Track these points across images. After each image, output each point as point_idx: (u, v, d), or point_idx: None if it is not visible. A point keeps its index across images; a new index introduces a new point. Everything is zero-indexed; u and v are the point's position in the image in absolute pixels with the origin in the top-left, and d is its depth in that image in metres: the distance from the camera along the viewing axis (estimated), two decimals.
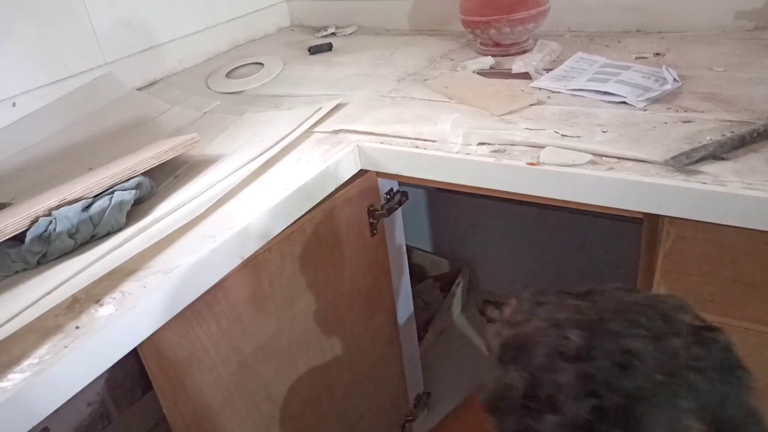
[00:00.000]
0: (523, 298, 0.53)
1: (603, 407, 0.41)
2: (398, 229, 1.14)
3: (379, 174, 0.97)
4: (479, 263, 1.81)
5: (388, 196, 1.07)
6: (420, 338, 1.50)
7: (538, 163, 0.79)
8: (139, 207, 0.86)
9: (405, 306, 1.20)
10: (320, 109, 1.06)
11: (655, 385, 0.42)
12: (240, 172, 0.87)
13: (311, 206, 0.85)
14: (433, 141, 0.89)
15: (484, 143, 0.87)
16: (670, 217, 0.75)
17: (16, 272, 0.76)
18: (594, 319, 0.46)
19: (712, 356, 0.44)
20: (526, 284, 0.56)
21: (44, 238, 0.76)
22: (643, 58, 1.11)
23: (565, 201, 0.81)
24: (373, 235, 1.01)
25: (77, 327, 0.60)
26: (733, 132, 0.79)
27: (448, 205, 1.80)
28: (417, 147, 0.90)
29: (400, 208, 1.11)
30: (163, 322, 0.66)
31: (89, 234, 0.79)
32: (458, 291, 1.74)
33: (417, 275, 1.82)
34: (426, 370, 1.44)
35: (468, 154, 0.85)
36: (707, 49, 1.11)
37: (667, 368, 0.42)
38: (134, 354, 0.66)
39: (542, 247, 1.64)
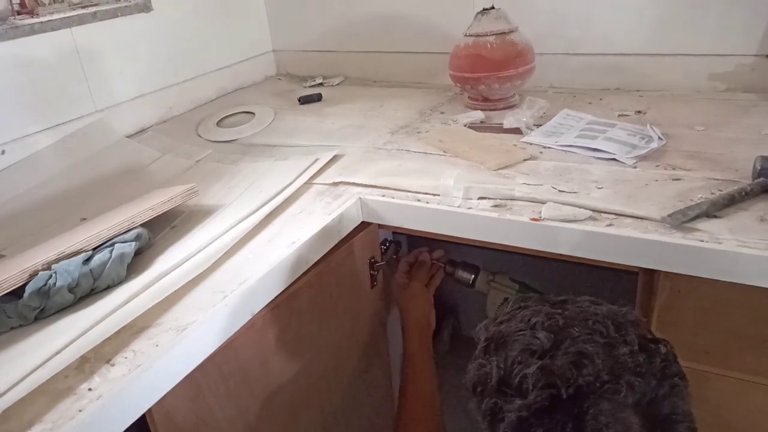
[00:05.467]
0: (511, 300, 0.65)
1: (558, 396, 0.50)
2: None
3: (380, 226, 0.98)
4: (463, 310, 1.81)
5: (384, 247, 1.08)
6: None
7: (540, 219, 0.82)
8: (137, 258, 0.84)
9: (397, 357, 1.19)
10: (317, 160, 1.07)
11: (602, 382, 0.50)
12: (243, 225, 0.87)
13: (316, 259, 0.85)
14: (435, 195, 0.91)
15: (484, 198, 0.89)
16: (666, 271, 0.78)
17: (12, 328, 0.74)
18: (560, 324, 0.56)
19: (653, 364, 0.53)
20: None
21: (43, 292, 0.74)
22: (626, 115, 1.16)
23: (564, 255, 0.84)
24: (373, 286, 1.01)
25: (90, 389, 0.58)
26: (721, 190, 0.83)
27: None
28: (419, 200, 0.91)
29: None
30: (177, 382, 0.64)
31: (89, 288, 0.77)
32: (443, 338, 1.74)
33: None
34: None
35: (470, 208, 0.87)
36: (685, 108, 1.17)
37: (612, 370, 0.51)
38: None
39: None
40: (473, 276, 1.13)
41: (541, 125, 1.13)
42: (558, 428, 0.50)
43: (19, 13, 1.16)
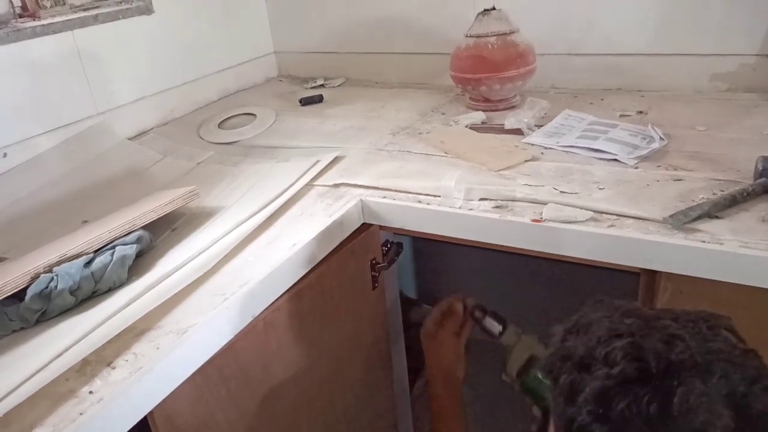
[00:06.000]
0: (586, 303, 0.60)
1: (648, 369, 0.47)
2: (395, 281, 1.14)
3: (382, 228, 0.98)
4: None
5: (386, 248, 1.08)
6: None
7: (541, 220, 0.82)
8: (138, 261, 0.84)
9: (399, 359, 1.19)
10: (318, 162, 1.07)
11: (695, 363, 0.47)
12: (244, 227, 0.87)
13: (317, 261, 0.85)
14: (436, 196, 0.91)
15: (485, 199, 0.89)
16: (667, 272, 0.78)
17: (14, 331, 0.74)
18: (649, 315, 0.53)
19: (748, 363, 0.49)
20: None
21: (45, 295, 0.74)
22: (627, 116, 1.16)
23: (565, 256, 0.83)
24: (374, 288, 1.01)
25: (91, 392, 0.59)
26: (723, 191, 0.83)
27: (433, 252, 1.81)
28: (420, 202, 0.91)
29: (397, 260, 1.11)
30: (178, 385, 0.64)
31: (90, 290, 0.78)
32: None
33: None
34: (415, 419, 1.42)
35: (471, 209, 0.87)
36: (686, 108, 1.17)
37: (707, 355, 0.48)
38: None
39: (529, 294, 1.65)
40: (502, 327, 1.06)
41: (542, 126, 1.13)
42: (643, 402, 0.46)
43: (20, 16, 1.16)
